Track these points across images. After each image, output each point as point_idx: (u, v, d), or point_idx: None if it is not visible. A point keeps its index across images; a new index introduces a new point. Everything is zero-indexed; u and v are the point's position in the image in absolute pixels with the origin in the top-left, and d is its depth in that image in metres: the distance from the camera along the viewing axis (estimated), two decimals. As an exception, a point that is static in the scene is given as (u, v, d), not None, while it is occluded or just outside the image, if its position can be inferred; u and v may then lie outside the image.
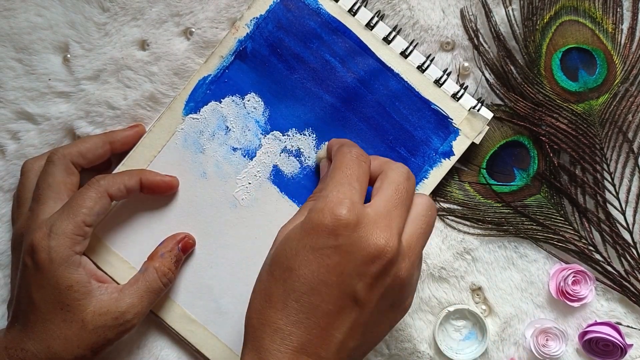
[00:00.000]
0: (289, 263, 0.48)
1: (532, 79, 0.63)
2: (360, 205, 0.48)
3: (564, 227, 0.64)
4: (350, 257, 0.47)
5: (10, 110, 0.64)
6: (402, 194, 0.50)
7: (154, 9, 0.63)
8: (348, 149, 0.52)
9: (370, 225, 0.47)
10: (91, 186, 0.57)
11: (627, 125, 0.63)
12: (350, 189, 0.49)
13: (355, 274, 0.47)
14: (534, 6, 0.62)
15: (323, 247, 0.47)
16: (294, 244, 0.48)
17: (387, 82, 0.62)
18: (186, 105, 0.62)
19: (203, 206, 0.62)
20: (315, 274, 0.47)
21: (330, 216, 0.47)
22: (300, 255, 0.47)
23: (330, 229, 0.47)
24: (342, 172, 0.50)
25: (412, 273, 0.50)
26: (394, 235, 0.48)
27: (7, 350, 0.54)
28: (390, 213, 0.49)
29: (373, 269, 0.47)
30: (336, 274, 0.47)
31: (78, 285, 0.55)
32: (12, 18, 0.64)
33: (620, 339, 0.61)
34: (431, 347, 0.64)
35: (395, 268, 0.48)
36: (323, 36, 0.62)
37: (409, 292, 0.51)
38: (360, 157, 0.52)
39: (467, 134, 0.62)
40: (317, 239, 0.47)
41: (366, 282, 0.47)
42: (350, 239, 0.47)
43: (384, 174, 0.52)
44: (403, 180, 0.51)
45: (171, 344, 0.64)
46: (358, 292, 0.47)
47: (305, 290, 0.47)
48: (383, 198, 0.49)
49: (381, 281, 0.48)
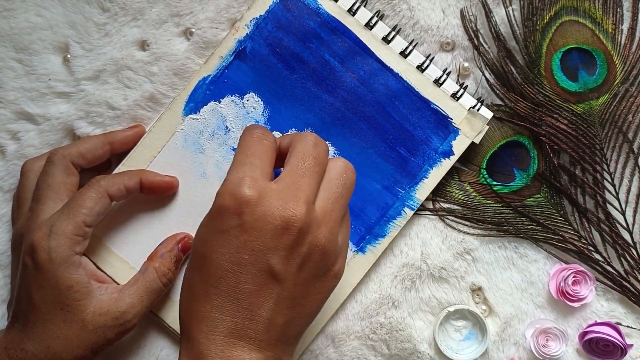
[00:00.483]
0: (202, 251, 0.48)
1: (532, 79, 0.63)
2: (262, 181, 0.48)
3: (564, 227, 0.64)
4: (258, 233, 0.46)
5: (11, 111, 0.64)
6: (308, 161, 0.50)
7: (154, 9, 0.63)
8: (249, 130, 0.52)
9: (274, 198, 0.47)
10: (91, 186, 0.57)
11: (627, 126, 0.63)
12: (250, 167, 0.49)
13: (267, 249, 0.47)
14: (534, 6, 0.62)
15: (229, 229, 0.47)
16: (203, 231, 0.48)
17: (386, 82, 0.62)
18: (186, 106, 0.62)
19: (203, 206, 0.62)
20: (226, 256, 0.47)
21: (231, 196, 0.47)
22: (209, 241, 0.47)
23: (232, 209, 0.47)
24: (242, 152, 0.50)
25: (332, 239, 0.49)
26: (300, 203, 0.47)
27: (7, 350, 0.54)
28: (296, 183, 0.48)
29: (285, 240, 0.47)
30: (247, 252, 0.46)
31: (78, 285, 0.55)
32: (12, 18, 0.64)
33: (620, 339, 0.61)
34: (431, 347, 0.64)
35: (310, 236, 0.48)
36: (322, 36, 0.62)
37: (334, 257, 0.50)
38: (261, 136, 0.51)
39: (467, 133, 0.62)
40: (222, 222, 0.47)
41: (281, 255, 0.47)
42: (254, 215, 0.46)
43: (292, 147, 0.51)
44: (310, 147, 0.50)
45: (171, 344, 0.64)
46: (274, 266, 0.47)
47: (220, 274, 0.47)
48: (289, 169, 0.49)
49: (297, 252, 0.47)
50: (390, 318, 0.64)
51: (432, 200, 0.64)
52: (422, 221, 0.64)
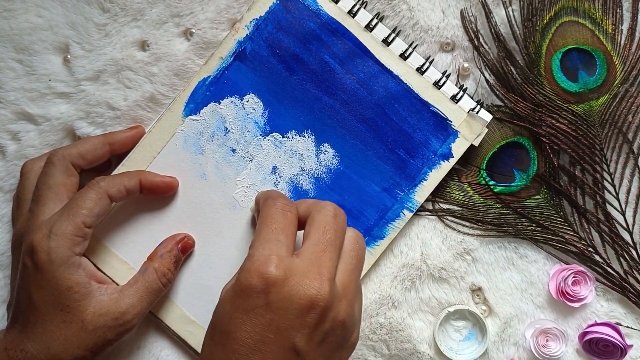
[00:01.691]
0: (226, 327, 0.48)
1: (532, 80, 0.62)
2: (287, 259, 0.48)
3: (564, 228, 0.64)
4: (284, 312, 0.47)
5: (11, 111, 0.64)
6: (330, 235, 0.51)
7: (154, 9, 0.63)
8: (272, 202, 0.53)
9: (299, 277, 0.48)
10: (91, 187, 0.57)
11: (627, 126, 0.63)
12: (276, 244, 0.49)
13: (291, 327, 0.47)
14: (533, 7, 0.62)
15: (255, 307, 0.47)
16: (228, 307, 0.49)
17: (386, 84, 0.62)
18: (186, 107, 0.62)
19: (203, 207, 0.62)
20: (251, 334, 0.47)
21: (258, 275, 0.47)
22: (234, 318, 0.48)
23: (259, 288, 0.47)
24: (267, 226, 0.51)
25: (351, 312, 0.50)
26: (324, 281, 0.48)
27: (6, 351, 0.54)
28: (319, 259, 0.49)
29: (309, 319, 0.47)
30: (272, 331, 0.47)
31: (78, 286, 0.55)
32: (12, 19, 0.64)
33: (620, 339, 0.61)
34: (431, 348, 0.64)
35: (333, 313, 0.48)
36: (322, 37, 0.62)
37: (352, 329, 0.51)
38: (285, 208, 0.52)
39: (466, 136, 0.62)
40: (247, 300, 0.48)
41: (305, 333, 0.47)
42: (280, 295, 0.47)
43: (311, 217, 0.52)
44: (330, 220, 0.51)
45: (171, 345, 0.64)
46: (298, 344, 0.47)
47: (245, 351, 0.47)
48: (311, 243, 0.50)
49: (320, 329, 0.48)
50: (390, 318, 0.64)
51: (432, 201, 0.64)
52: (422, 222, 0.64)
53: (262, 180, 0.62)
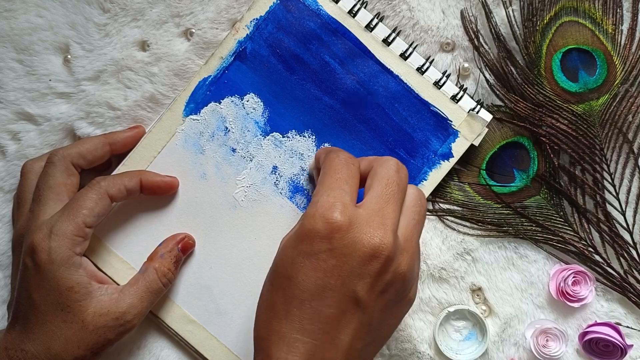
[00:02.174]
0: (287, 271, 0.48)
1: (533, 80, 0.62)
2: (351, 207, 0.48)
3: (564, 228, 0.64)
4: (347, 259, 0.47)
5: (11, 111, 0.64)
6: (392, 187, 0.50)
7: (154, 9, 0.63)
8: (335, 154, 0.53)
9: (363, 225, 0.48)
10: (92, 187, 0.57)
11: (627, 126, 0.63)
12: (340, 192, 0.49)
13: (353, 275, 0.47)
14: (534, 7, 0.62)
15: (318, 252, 0.47)
16: (290, 252, 0.48)
17: (386, 84, 0.62)
18: (186, 107, 0.62)
19: (203, 207, 0.62)
20: (313, 279, 0.47)
21: (322, 221, 0.47)
22: (296, 262, 0.48)
23: (323, 233, 0.47)
24: (331, 176, 0.51)
25: (412, 265, 0.50)
26: (388, 232, 0.48)
27: (7, 351, 0.54)
28: (382, 210, 0.49)
29: (371, 268, 0.47)
30: (334, 277, 0.47)
31: (78, 286, 0.55)
32: (12, 19, 0.64)
33: (620, 339, 0.61)
34: (431, 348, 0.64)
35: (395, 264, 0.48)
36: (323, 37, 0.62)
37: (411, 283, 0.51)
38: (349, 160, 0.52)
39: (466, 135, 0.62)
40: (311, 245, 0.47)
41: (366, 282, 0.47)
42: (344, 241, 0.47)
43: (373, 171, 0.52)
44: (392, 173, 0.51)
45: (171, 345, 0.64)
46: (359, 292, 0.47)
47: (305, 296, 0.47)
48: (374, 195, 0.50)
49: (381, 279, 0.48)
50: (390, 318, 0.64)
51: (432, 201, 0.64)
52: (422, 222, 0.64)
53: (262, 180, 0.62)
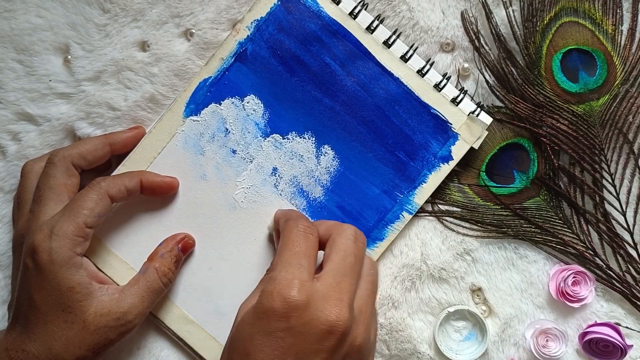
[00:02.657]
0: (245, 348, 0.49)
1: (533, 81, 0.62)
2: (309, 284, 0.49)
3: (563, 230, 0.64)
4: (304, 336, 0.48)
5: (11, 111, 0.64)
6: (350, 259, 0.51)
7: (154, 10, 0.63)
8: (294, 223, 0.53)
9: (320, 302, 0.49)
10: (92, 188, 0.57)
11: (627, 127, 0.63)
12: (298, 268, 0.50)
13: (310, 352, 0.48)
14: (534, 7, 0.62)
15: (276, 330, 0.48)
16: (248, 329, 0.49)
17: (386, 86, 0.62)
18: (187, 108, 0.62)
19: (203, 208, 0.62)
20: (270, 357, 0.48)
21: (280, 299, 0.48)
22: (254, 339, 0.48)
23: (280, 312, 0.48)
24: (289, 249, 0.51)
25: (367, 336, 0.51)
26: (344, 307, 0.49)
27: (7, 351, 0.54)
28: (339, 284, 0.50)
29: (328, 344, 0.48)
30: (292, 355, 0.48)
31: (79, 286, 0.55)
32: (12, 19, 0.64)
33: (620, 339, 0.61)
34: (431, 348, 0.64)
35: (350, 337, 0.49)
36: (323, 39, 0.62)
37: (367, 353, 0.52)
38: (307, 230, 0.53)
39: (466, 138, 0.62)
40: (268, 323, 0.48)
41: (322, 358, 0.48)
42: (301, 320, 0.48)
43: (332, 240, 0.53)
44: (350, 244, 0.52)
45: (171, 345, 0.64)
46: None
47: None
48: (332, 268, 0.51)
49: (338, 353, 0.49)
50: (390, 319, 0.64)
51: (432, 203, 0.64)
52: (422, 222, 0.64)
53: (262, 182, 0.62)
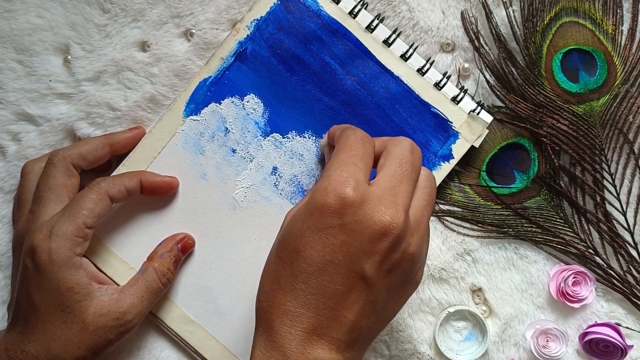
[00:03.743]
0: (295, 244, 0.47)
1: (533, 81, 0.62)
2: (364, 184, 0.47)
3: (564, 229, 0.64)
4: (356, 235, 0.46)
5: (11, 112, 0.64)
6: (406, 167, 0.50)
7: (154, 10, 0.63)
8: (352, 131, 0.52)
9: (375, 203, 0.47)
10: (92, 188, 0.57)
11: (627, 127, 0.63)
12: (354, 168, 0.48)
13: (362, 252, 0.46)
14: (534, 8, 0.62)
15: (328, 227, 0.46)
16: (299, 225, 0.48)
17: (387, 85, 0.62)
18: (187, 107, 0.62)
19: (203, 207, 0.62)
20: (321, 254, 0.46)
21: (334, 195, 0.46)
22: (305, 236, 0.47)
23: (334, 208, 0.46)
24: (345, 152, 0.50)
25: (421, 246, 0.49)
26: (399, 210, 0.47)
27: (7, 352, 0.54)
28: (394, 188, 0.48)
29: (380, 246, 0.46)
30: (343, 253, 0.46)
31: (79, 287, 0.55)
32: (12, 19, 0.64)
33: (620, 339, 0.61)
34: (431, 348, 0.64)
35: (404, 243, 0.48)
36: (323, 38, 0.62)
37: (419, 265, 0.51)
38: (365, 139, 0.51)
39: (467, 137, 0.62)
40: (321, 219, 0.47)
41: (374, 260, 0.47)
42: (355, 217, 0.46)
43: (387, 150, 0.51)
44: (407, 153, 0.50)
45: (171, 345, 0.64)
46: (367, 270, 0.47)
47: (312, 271, 0.46)
48: (388, 173, 0.49)
49: (390, 258, 0.47)
50: (390, 319, 0.64)
51: (432, 202, 0.64)
52: (423, 222, 0.64)
53: (262, 181, 0.62)
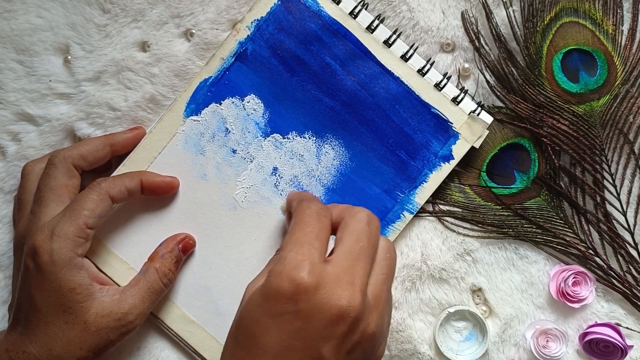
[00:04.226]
0: (252, 330, 0.47)
1: (533, 81, 0.62)
2: (320, 266, 0.47)
3: (564, 230, 0.64)
4: (313, 321, 0.45)
5: (11, 112, 0.64)
6: (363, 242, 0.49)
7: (154, 10, 0.63)
8: (307, 205, 0.51)
9: (331, 286, 0.46)
10: (93, 189, 0.57)
11: (628, 127, 0.63)
12: (309, 249, 0.47)
13: (319, 337, 0.46)
14: (534, 8, 0.62)
15: (283, 313, 0.46)
16: (255, 310, 0.47)
17: (387, 86, 0.62)
18: (187, 107, 0.62)
19: (203, 208, 0.62)
20: (277, 340, 0.46)
21: (288, 280, 0.46)
22: (261, 322, 0.46)
23: (289, 294, 0.45)
24: (300, 229, 0.49)
25: (380, 324, 0.49)
26: (356, 292, 0.46)
27: (8, 352, 0.54)
28: (351, 268, 0.47)
29: (338, 330, 0.46)
30: (299, 339, 0.46)
31: (80, 287, 0.55)
32: (12, 20, 0.64)
33: (620, 340, 0.61)
34: (432, 348, 0.64)
35: (363, 324, 0.47)
36: (324, 39, 0.62)
37: (380, 342, 0.50)
38: (320, 212, 0.50)
39: (467, 138, 0.62)
40: (276, 305, 0.46)
41: (332, 344, 0.46)
42: (310, 303, 0.45)
43: (344, 223, 0.50)
44: (363, 226, 0.50)
45: (171, 346, 0.64)
46: (325, 355, 0.46)
47: (269, 357, 0.46)
48: (344, 251, 0.48)
49: (348, 340, 0.47)
50: (390, 319, 0.64)
51: (432, 203, 0.64)
52: (423, 222, 0.64)
53: (262, 181, 0.62)
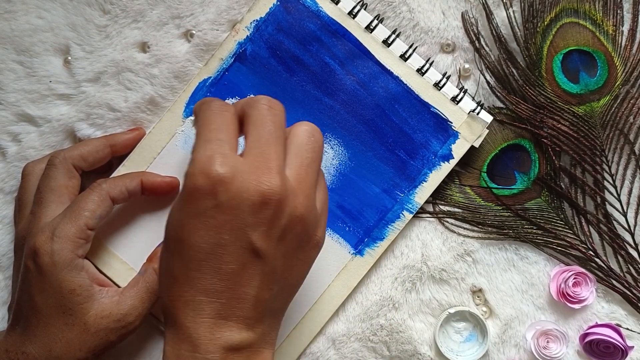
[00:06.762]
0: (179, 235, 0.46)
1: (533, 81, 0.62)
2: (232, 156, 0.46)
3: (564, 231, 0.64)
4: (236, 211, 0.45)
5: (11, 113, 0.64)
6: (269, 127, 0.48)
7: (154, 11, 0.63)
8: (207, 105, 0.50)
9: (247, 173, 0.45)
10: (93, 189, 0.57)
11: (628, 127, 0.63)
12: (217, 143, 0.47)
13: (246, 226, 0.45)
14: (534, 8, 0.62)
15: (205, 210, 0.45)
16: (178, 215, 0.46)
17: (386, 85, 0.62)
18: (186, 108, 0.62)
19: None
20: (205, 238, 0.45)
21: (203, 176, 0.45)
22: (186, 224, 0.46)
23: (206, 189, 0.45)
24: (205, 128, 0.48)
25: (310, 206, 0.48)
26: (273, 175, 0.46)
27: (7, 353, 0.54)
28: (264, 153, 0.47)
29: (263, 215, 0.45)
30: (227, 232, 0.45)
31: (80, 289, 0.55)
32: (12, 20, 0.64)
33: (621, 340, 0.61)
34: (432, 349, 0.64)
35: (289, 207, 0.46)
36: (323, 39, 0.62)
37: (314, 225, 0.49)
38: (221, 108, 0.49)
39: (467, 137, 0.62)
40: (196, 204, 0.45)
41: (261, 231, 0.46)
42: (230, 194, 0.45)
43: (247, 115, 0.49)
44: (265, 113, 0.49)
45: (172, 346, 0.64)
46: (255, 242, 0.46)
47: (201, 257, 0.45)
48: (252, 140, 0.47)
49: (277, 224, 0.46)
50: (390, 320, 0.64)
51: (432, 203, 0.64)
52: (423, 223, 0.64)
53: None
